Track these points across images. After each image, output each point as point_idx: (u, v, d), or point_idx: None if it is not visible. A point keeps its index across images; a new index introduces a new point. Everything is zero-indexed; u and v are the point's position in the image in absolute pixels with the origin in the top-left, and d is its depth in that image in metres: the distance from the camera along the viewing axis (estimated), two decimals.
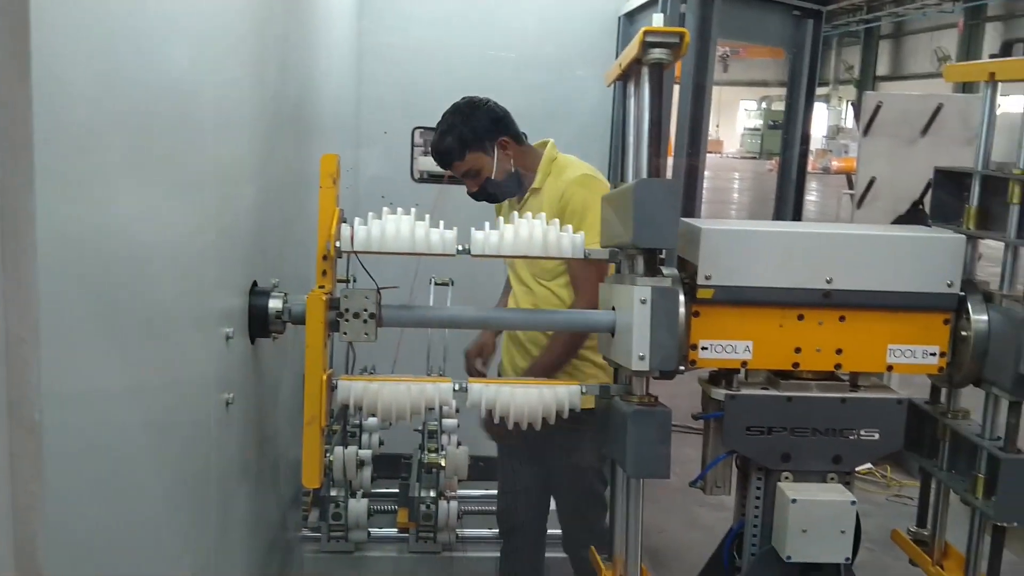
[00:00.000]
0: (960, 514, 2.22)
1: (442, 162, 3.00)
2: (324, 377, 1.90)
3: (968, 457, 2.12)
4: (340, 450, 3.13)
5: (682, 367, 2.01)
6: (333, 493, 3.47)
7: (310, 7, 3.10)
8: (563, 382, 2.09)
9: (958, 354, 2.07)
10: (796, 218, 4.58)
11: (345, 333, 1.93)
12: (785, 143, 4.53)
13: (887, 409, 2.08)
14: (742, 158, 37.60)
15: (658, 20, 1.85)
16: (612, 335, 2.00)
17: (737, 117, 42.06)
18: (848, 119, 33.43)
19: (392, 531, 3.73)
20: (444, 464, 3.23)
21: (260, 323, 2.10)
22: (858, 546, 2.09)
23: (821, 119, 34.05)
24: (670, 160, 4.05)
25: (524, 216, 2.07)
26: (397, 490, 3.74)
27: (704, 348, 2.03)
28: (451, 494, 3.49)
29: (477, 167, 2.94)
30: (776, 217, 4.65)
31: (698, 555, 2.53)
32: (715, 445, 2.15)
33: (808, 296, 2.02)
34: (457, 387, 2.03)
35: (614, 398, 2.00)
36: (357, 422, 3.51)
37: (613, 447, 2.01)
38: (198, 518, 1.81)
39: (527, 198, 2.97)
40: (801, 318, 2.04)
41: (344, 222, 2.00)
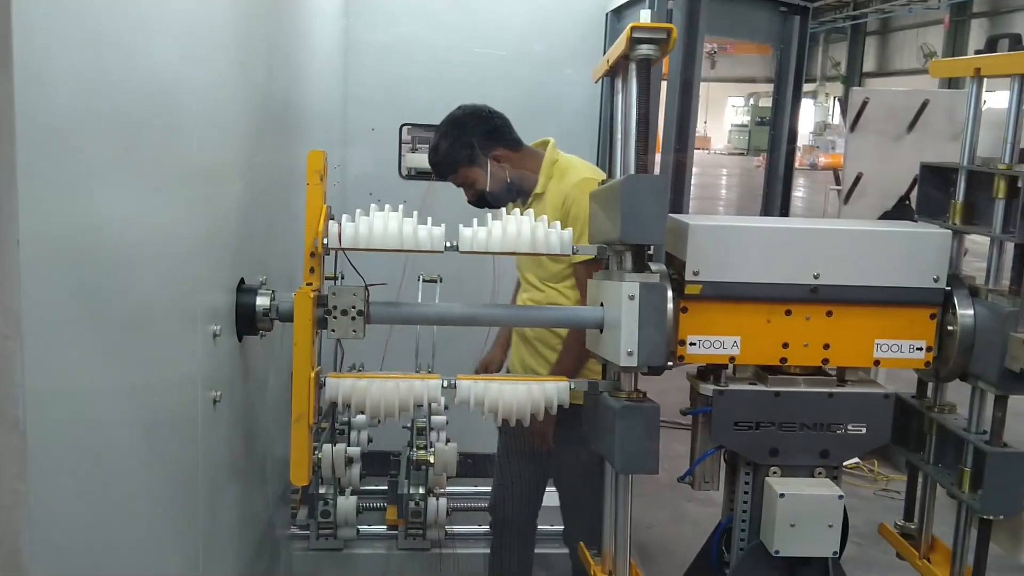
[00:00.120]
0: (947, 508, 2.23)
1: (437, 174, 3.03)
2: (312, 374, 1.90)
3: (954, 451, 2.14)
4: (329, 447, 3.12)
5: (670, 363, 2.02)
6: (322, 490, 3.46)
7: (296, 4, 3.08)
8: (554, 378, 2.09)
9: (944, 349, 2.08)
10: (784, 214, 4.60)
11: (333, 330, 1.93)
12: (772, 139, 4.55)
13: (874, 404, 2.09)
14: (730, 154, 37.71)
15: (645, 16, 1.85)
16: (601, 331, 2.00)
17: (725, 114, 42.17)
18: (835, 115, 33.54)
19: (381, 528, 3.73)
20: (433, 461, 3.23)
21: (247, 320, 2.09)
22: (846, 540, 2.10)
23: (808, 115, 34.14)
24: (658, 157, 4.06)
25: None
26: (386, 487, 3.74)
27: (692, 344, 2.03)
28: (440, 491, 3.49)
29: (471, 179, 2.96)
30: (764, 213, 4.67)
31: (687, 550, 2.54)
32: (703, 440, 2.16)
33: (795, 291, 2.03)
34: (446, 384, 2.03)
35: (602, 394, 2.00)
36: (346, 419, 3.51)
37: (602, 443, 2.01)
38: (185, 517, 1.81)
39: (530, 203, 2.96)
40: (789, 313, 2.04)
41: (332, 219, 1.99)
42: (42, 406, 1.06)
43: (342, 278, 2.26)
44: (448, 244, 2.00)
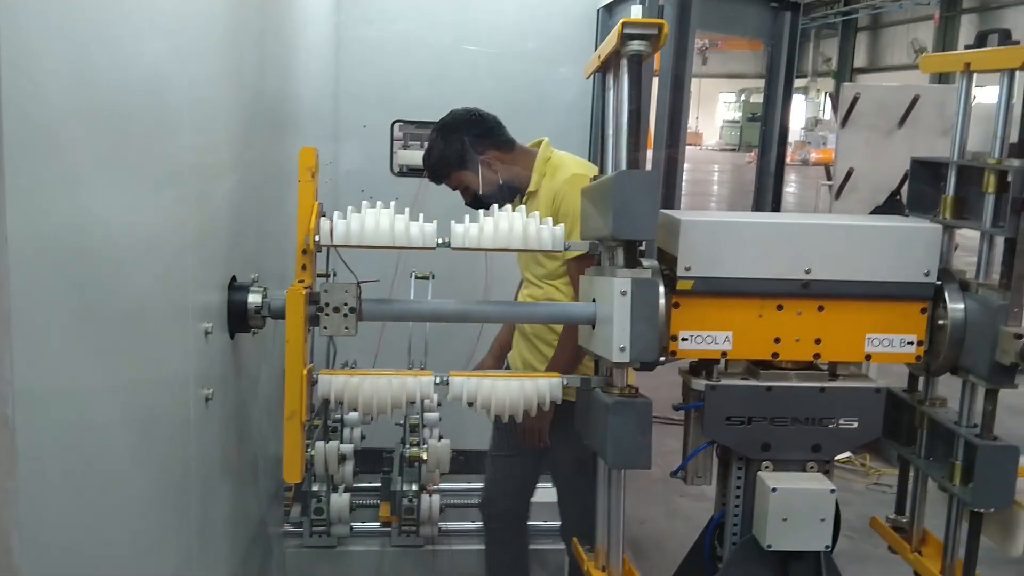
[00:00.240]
0: (938, 501, 2.24)
1: (432, 179, 3.06)
2: (304, 372, 1.90)
3: (945, 444, 2.14)
4: (321, 445, 3.12)
5: (662, 358, 2.02)
6: (315, 488, 3.45)
7: (287, 0, 3.07)
8: (546, 374, 2.09)
9: (935, 343, 2.09)
10: (775, 209, 4.60)
11: (325, 327, 1.93)
12: (764, 135, 4.55)
13: (865, 398, 2.10)
14: (721, 150, 37.75)
15: (637, 12, 1.85)
16: (593, 327, 2.01)
17: (716, 110, 42.18)
18: (826, 111, 33.55)
19: (374, 525, 3.72)
20: (426, 458, 3.23)
21: (239, 318, 2.09)
22: (838, 534, 2.10)
23: (799, 111, 34.19)
24: (649, 153, 4.06)
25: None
26: (379, 484, 3.73)
27: (684, 339, 2.03)
28: (433, 488, 3.48)
29: (464, 183, 2.98)
30: (755, 209, 4.67)
31: (680, 545, 2.54)
32: (696, 435, 2.16)
33: (787, 286, 2.03)
34: (438, 380, 2.02)
35: (595, 389, 2.00)
36: (338, 417, 3.50)
37: (595, 438, 2.01)
38: (178, 515, 1.80)
39: (525, 201, 2.97)
40: (780, 308, 2.05)
41: (323, 216, 1.99)
42: (32, 404, 1.06)
43: (334, 275, 2.25)
44: (440, 241, 2.00)
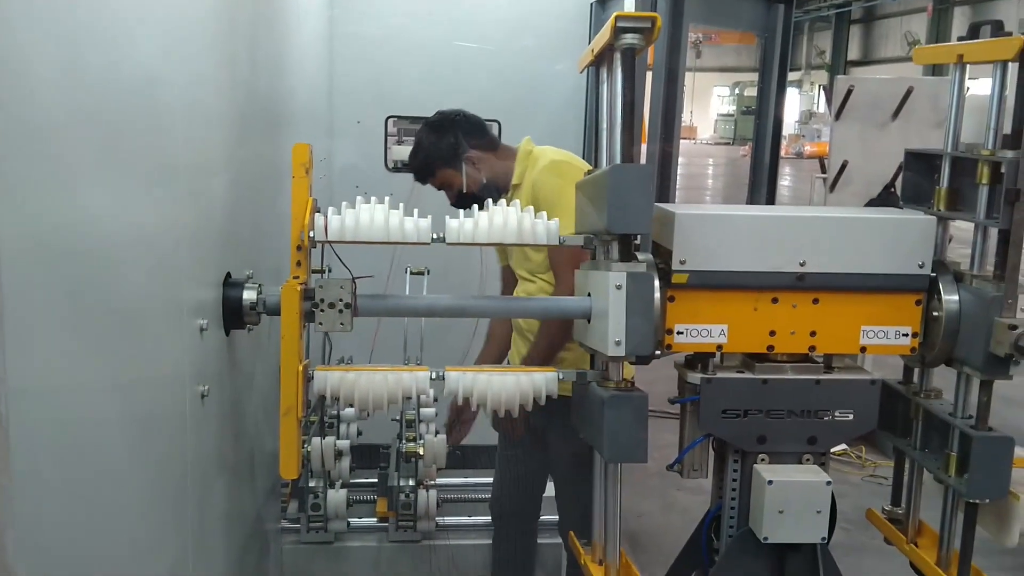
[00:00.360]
0: (934, 492, 2.24)
1: (416, 179, 3.10)
2: (300, 368, 1.89)
3: (941, 436, 2.15)
4: (318, 441, 3.11)
5: (658, 352, 2.02)
6: (312, 484, 3.45)
7: None
8: (542, 369, 2.09)
9: (930, 334, 2.10)
10: (770, 202, 4.61)
11: (321, 323, 1.92)
12: (758, 128, 4.55)
13: (861, 390, 2.10)
14: (716, 144, 37.73)
15: (630, 5, 1.85)
16: (588, 321, 2.01)
17: (710, 103, 42.17)
18: (820, 104, 33.62)
19: (371, 521, 3.72)
20: (423, 453, 3.23)
21: (234, 315, 2.08)
22: (834, 526, 2.11)
23: (793, 104, 34.23)
24: (644, 146, 4.06)
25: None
26: (376, 480, 3.73)
27: (679, 332, 2.04)
28: (430, 483, 3.49)
29: (448, 183, 3.02)
30: (750, 202, 4.68)
31: (676, 538, 2.54)
32: (692, 429, 2.17)
33: (782, 279, 2.03)
34: (434, 375, 2.02)
35: (591, 383, 2.01)
36: (334, 412, 3.50)
37: (591, 432, 2.01)
38: (174, 512, 1.80)
39: (510, 195, 2.98)
40: (775, 301, 2.05)
41: (318, 212, 1.98)
42: (26, 402, 1.05)
43: (329, 271, 2.25)
44: (435, 236, 2.00)
